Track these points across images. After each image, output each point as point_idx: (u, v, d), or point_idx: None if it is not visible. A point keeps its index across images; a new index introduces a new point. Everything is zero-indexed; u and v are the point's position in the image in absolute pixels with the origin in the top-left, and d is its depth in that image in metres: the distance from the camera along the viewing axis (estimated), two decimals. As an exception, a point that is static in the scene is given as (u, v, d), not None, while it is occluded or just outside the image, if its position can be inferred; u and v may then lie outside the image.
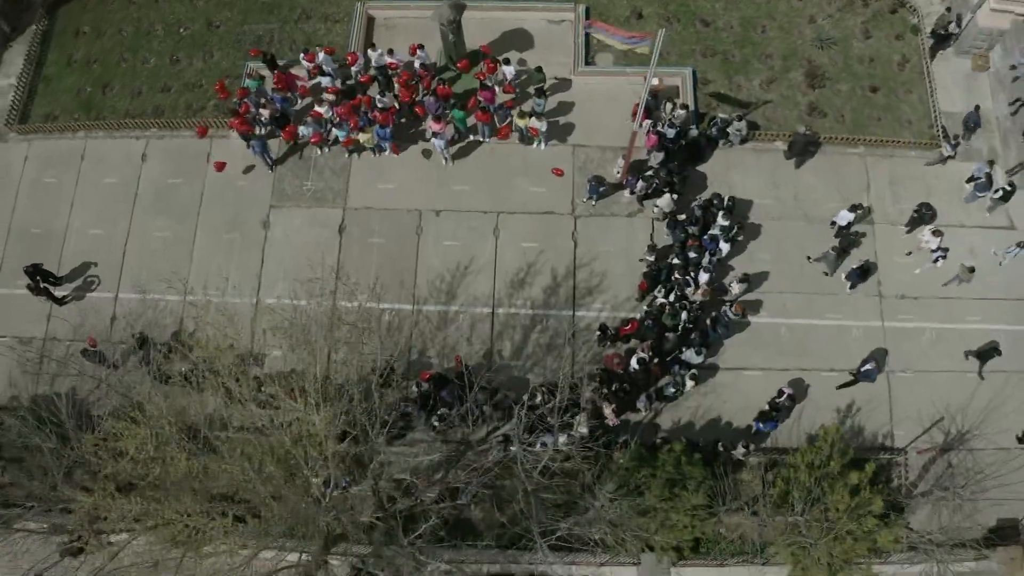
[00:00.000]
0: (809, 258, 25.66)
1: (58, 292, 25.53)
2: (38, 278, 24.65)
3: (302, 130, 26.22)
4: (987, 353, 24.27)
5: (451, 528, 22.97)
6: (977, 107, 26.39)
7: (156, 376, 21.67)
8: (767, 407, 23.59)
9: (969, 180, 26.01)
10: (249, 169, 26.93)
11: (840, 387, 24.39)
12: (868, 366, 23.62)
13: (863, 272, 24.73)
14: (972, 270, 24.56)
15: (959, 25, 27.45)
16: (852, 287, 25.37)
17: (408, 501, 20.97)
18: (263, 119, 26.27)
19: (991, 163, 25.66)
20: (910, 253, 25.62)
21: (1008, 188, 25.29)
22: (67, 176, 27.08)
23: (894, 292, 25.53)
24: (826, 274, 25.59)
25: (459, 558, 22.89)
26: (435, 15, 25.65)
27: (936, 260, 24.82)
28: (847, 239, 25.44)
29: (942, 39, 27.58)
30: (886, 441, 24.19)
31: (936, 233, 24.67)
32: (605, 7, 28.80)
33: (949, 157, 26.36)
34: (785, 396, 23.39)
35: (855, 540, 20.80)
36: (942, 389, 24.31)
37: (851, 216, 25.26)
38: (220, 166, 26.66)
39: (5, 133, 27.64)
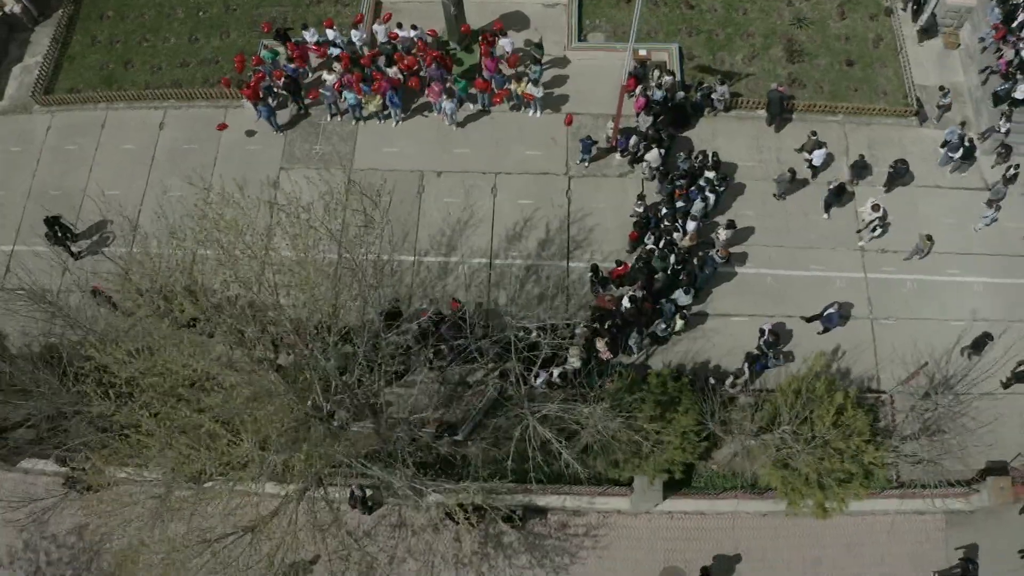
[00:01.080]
0: (775, 195, 27.38)
1: (74, 248, 26.75)
2: (56, 228, 25.86)
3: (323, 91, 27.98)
4: (981, 341, 25.14)
5: (449, 464, 23.62)
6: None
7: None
8: (755, 351, 24.58)
9: (943, 145, 27.43)
10: (252, 133, 28.48)
11: (806, 320, 25.48)
12: (830, 310, 24.65)
13: (839, 191, 25.99)
14: (930, 238, 25.82)
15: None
16: (827, 211, 26.83)
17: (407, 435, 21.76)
18: (276, 87, 27.92)
19: (962, 124, 27.09)
20: (859, 231, 26.98)
21: (968, 146, 26.67)
22: (87, 143, 28.58)
23: (876, 247, 26.73)
24: (775, 196, 27.33)
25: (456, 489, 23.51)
26: (438, -12, 27.61)
27: (875, 231, 26.22)
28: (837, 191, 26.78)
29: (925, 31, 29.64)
30: (872, 384, 25.04)
31: (875, 207, 25.99)
32: (597, -5, 30.89)
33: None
34: (767, 334, 24.35)
35: (842, 460, 21.52)
36: (925, 336, 25.10)
37: (824, 155, 26.83)
38: (222, 127, 28.29)
39: (30, 105, 29.29)
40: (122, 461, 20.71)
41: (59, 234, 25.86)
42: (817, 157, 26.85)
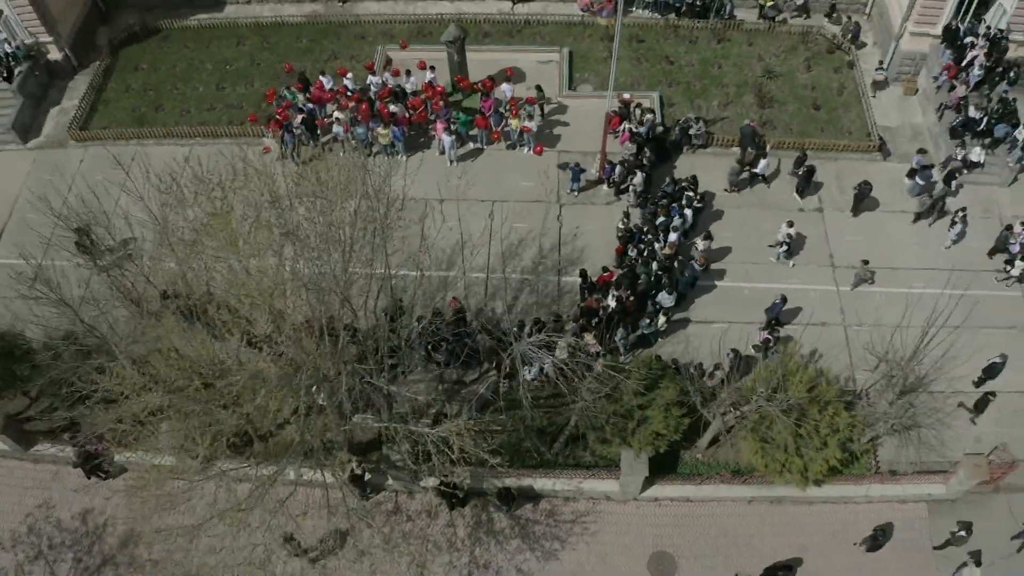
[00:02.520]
0: (726, 189, 30.43)
1: (99, 261, 28.64)
2: (85, 237, 27.84)
3: (335, 128, 30.66)
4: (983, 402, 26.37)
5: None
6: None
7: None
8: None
9: (910, 174, 29.84)
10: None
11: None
12: (776, 300, 26.51)
13: (808, 174, 28.49)
14: (867, 262, 27.74)
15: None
16: (800, 192, 29.61)
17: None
18: (295, 123, 30.64)
19: (922, 151, 29.55)
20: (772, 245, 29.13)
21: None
22: (117, 174, 30.98)
23: (845, 263, 28.66)
24: (726, 190, 30.40)
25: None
26: (444, 35, 30.70)
27: (783, 247, 28.38)
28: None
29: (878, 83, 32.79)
30: (847, 384, 26.37)
31: (790, 224, 28.28)
32: (585, 52, 34.13)
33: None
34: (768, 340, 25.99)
35: (818, 428, 22.79)
36: (896, 341, 26.68)
37: (765, 163, 30.11)
38: (267, 150, 30.62)
39: (65, 140, 32.03)
40: (134, 443, 22.30)
41: (88, 242, 27.84)
42: (761, 166, 29.58)
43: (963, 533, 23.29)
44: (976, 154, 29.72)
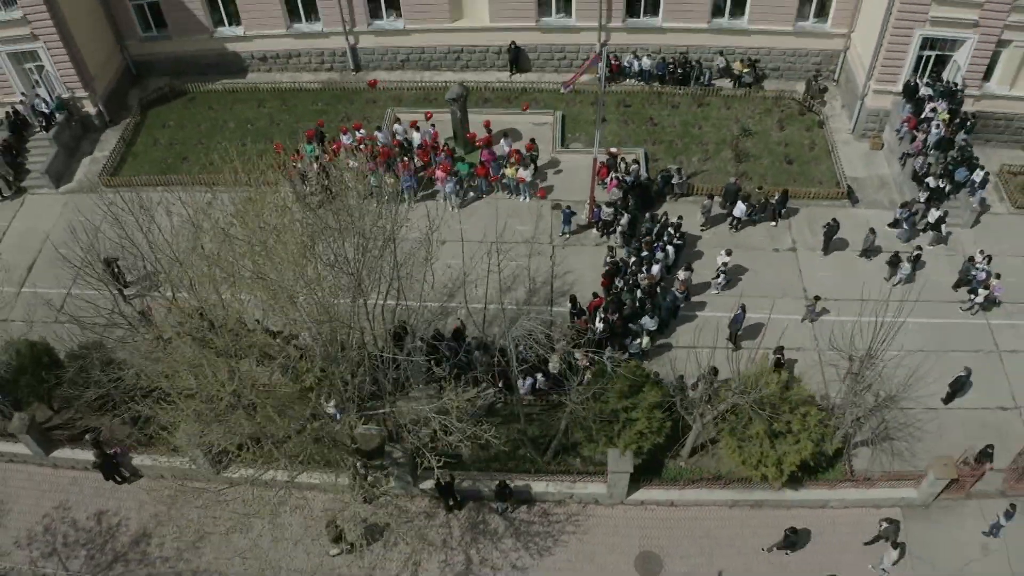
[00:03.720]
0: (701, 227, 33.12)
1: (125, 291, 30.84)
2: (113, 268, 30.08)
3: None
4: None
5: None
6: None
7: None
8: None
9: (894, 224, 32.40)
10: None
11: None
12: (738, 311, 28.83)
13: (784, 197, 31.78)
14: (818, 298, 29.94)
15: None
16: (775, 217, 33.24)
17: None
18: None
19: (904, 204, 32.14)
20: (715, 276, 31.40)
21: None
22: (144, 215, 33.49)
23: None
24: (701, 228, 33.08)
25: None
26: (448, 93, 33.81)
27: (719, 277, 30.76)
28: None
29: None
30: (822, 402, 28.03)
31: (728, 252, 30.75)
32: (576, 115, 37.23)
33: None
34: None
35: (790, 425, 24.49)
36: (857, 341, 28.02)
37: (744, 207, 32.68)
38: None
39: (96, 185, 34.70)
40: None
41: (115, 271, 30.07)
42: (738, 210, 32.35)
43: (890, 527, 24.68)
44: (932, 215, 32.19)
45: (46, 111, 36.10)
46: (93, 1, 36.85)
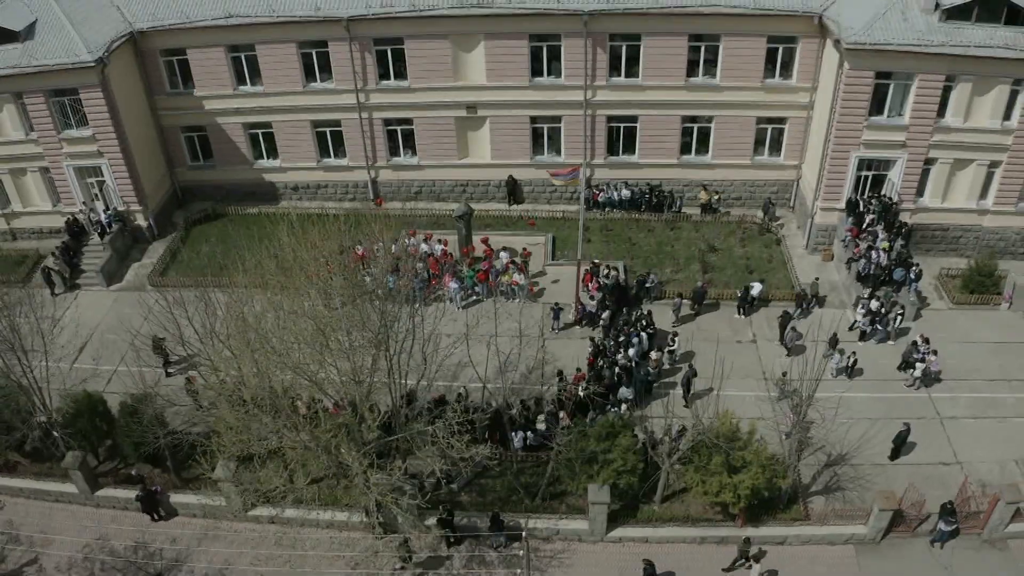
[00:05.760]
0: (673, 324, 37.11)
1: (169, 369, 35.05)
2: (161, 347, 34.37)
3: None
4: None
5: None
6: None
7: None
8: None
9: (862, 337, 36.72)
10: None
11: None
12: (686, 370, 33.41)
13: (745, 292, 35.98)
14: (785, 374, 32.96)
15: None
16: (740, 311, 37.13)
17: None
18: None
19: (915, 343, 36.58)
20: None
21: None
22: (189, 309, 38.01)
23: (772, 378, 34.63)
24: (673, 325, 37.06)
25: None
26: (455, 211, 39.48)
27: (671, 353, 35.29)
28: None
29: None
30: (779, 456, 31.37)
31: (675, 334, 35.58)
32: (565, 237, 42.63)
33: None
34: None
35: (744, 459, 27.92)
36: (821, 429, 31.80)
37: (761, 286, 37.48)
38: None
39: (144, 285, 39.68)
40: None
41: (161, 348, 34.37)
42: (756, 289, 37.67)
43: (746, 548, 27.91)
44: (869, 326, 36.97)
45: (103, 221, 41.79)
46: (151, 130, 43.49)
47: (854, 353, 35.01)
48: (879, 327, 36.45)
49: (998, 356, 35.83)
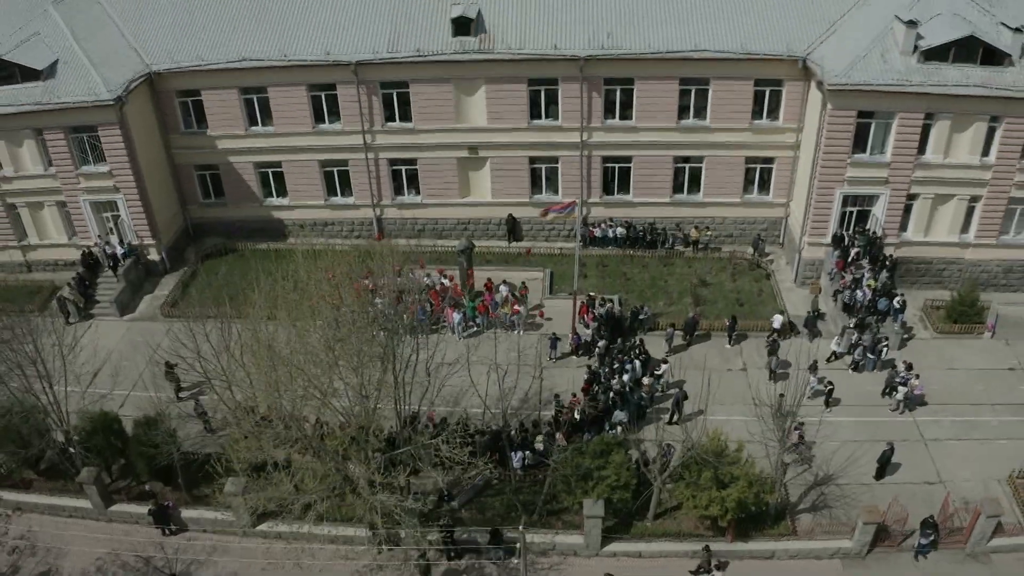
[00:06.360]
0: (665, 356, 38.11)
1: (181, 394, 36.34)
2: (172, 371, 35.67)
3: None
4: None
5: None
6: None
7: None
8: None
9: (855, 367, 38.06)
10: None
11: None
12: (676, 392, 34.71)
13: (733, 322, 37.45)
14: (782, 395, 33.69)
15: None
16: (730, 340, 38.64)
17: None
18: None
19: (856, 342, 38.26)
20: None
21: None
22: (197, 337, 39.40)
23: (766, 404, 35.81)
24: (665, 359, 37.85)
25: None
26: (457, 246, 41.14)
27: (660, 379, 36.58)
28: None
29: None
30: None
31: (665, 360, 36.92)
32: (563, 272, 44.11)
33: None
34: None
35: (733, 475, 28.99)
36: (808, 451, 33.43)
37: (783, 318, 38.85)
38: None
39: (156, 316, 41.08)
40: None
41: (173, 374, 35.68)
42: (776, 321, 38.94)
43: (707, 556, 29.07)
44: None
45: (117, 254, 43.38)
46: (166, 167, 45.39)
47: (830, 382, 36.20)
48: (870, 356, 37.71)
49: (981, 381, 37.11)
